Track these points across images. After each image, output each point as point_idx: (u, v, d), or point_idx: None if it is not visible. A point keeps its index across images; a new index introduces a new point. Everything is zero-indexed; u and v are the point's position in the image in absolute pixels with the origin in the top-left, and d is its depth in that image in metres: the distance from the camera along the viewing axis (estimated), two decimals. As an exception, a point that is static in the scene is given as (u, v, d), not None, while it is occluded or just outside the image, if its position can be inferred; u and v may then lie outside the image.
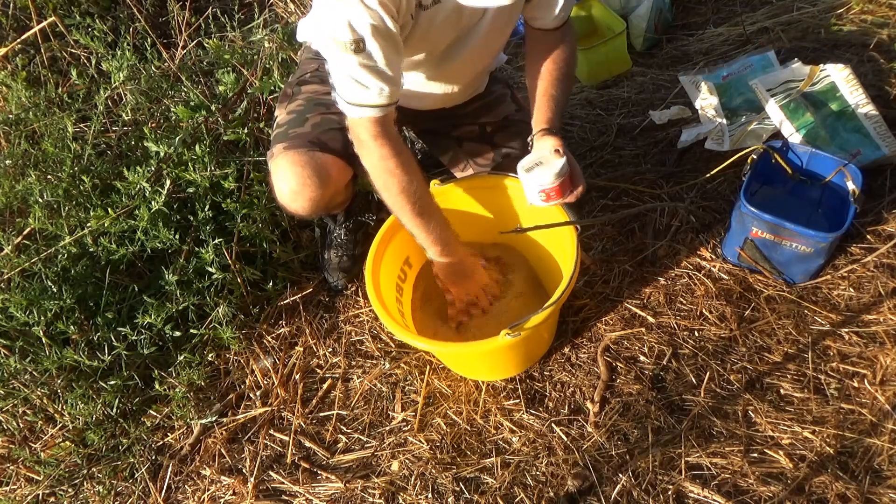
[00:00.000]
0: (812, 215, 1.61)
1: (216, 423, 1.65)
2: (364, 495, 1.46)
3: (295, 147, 1.45)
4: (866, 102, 1.71)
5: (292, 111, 1.54)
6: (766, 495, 1.28)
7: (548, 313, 1.28)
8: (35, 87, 2.07)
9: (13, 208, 1.82)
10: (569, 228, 1.39)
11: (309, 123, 1.50)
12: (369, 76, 1.22)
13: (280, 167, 1.44)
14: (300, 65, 1.66)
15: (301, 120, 1.51)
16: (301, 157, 1.43)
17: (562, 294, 1.28)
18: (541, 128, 1.42)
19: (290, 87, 1.61)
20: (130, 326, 1.63)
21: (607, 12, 2.34)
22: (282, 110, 1.57)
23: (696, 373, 1.48)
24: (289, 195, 1.45)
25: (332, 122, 1.50)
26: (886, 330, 1.46)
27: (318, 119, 1.50)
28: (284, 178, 1.44)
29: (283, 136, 1.49)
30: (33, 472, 1.63)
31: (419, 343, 1.36)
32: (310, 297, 1.84)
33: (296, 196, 1.45)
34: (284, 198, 1.47)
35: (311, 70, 1.61)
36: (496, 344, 1.27)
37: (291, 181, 1.43)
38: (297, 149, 1.44)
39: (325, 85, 1.56)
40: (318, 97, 1.55)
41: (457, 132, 1.69)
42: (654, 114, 2.07)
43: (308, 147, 1.45)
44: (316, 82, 1.58)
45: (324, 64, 1.58)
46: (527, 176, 1.36)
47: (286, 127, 1.51)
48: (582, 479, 1.37)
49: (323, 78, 1.58)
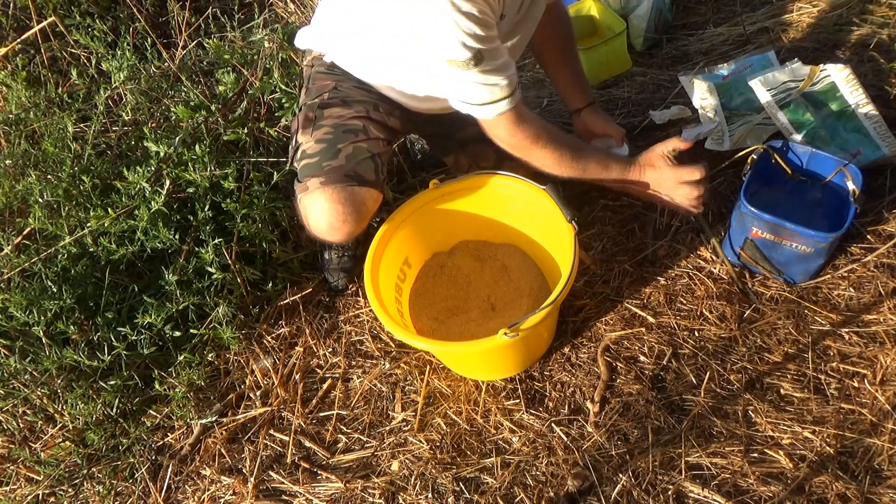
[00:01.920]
0: (812, 215, 1.61)
1: (216, 423, 1.65)
2: (364, 495, 1.46)
3: (332, 182, 1.44)
4: (866, 102, 1.71)
5: (321, 140, 1.50)
6: (766, 495, 1.28)
7: (545, 313, 1.28)
8: (35, 87, 2.07)
9: (13, 208, 1.82)
10: (567, 228, 1.39)
11: (342, 155, 1.47)
12: (493, 76, 1.27)
13: (317, 203, 1.43)
14: (312, 80, 1.60)
15: (333, 151, 1.48)
16: (340, 195, 1.43)
17: (559, 294, 1.29)
18: (583, 103, 1.71)
19: (312, 111, 1.55)
20: (130, 326, 1.63)
21: (607, 12, 2.34)
22: (307, 137, 1.52)
23: (696, 373, 1.48)
24: (326, 230, 1.46)
25: (362, 151, 1.49)
26: (886, 330, 1.46)
27: (351, 149, 1.48)
28: (322, 214, 1.43)
29: (317, 168, 1.46)
30: (33, 472, 1.63)
31: (418, 343, 1.36)
32: (310, 297, 1.84)
33: (333, 231, 1.45)
34: (321, 231, 1.47)
35: (329, 89, 1.56)
36: (494, 343, 1.27)
37: (331, 218, 1.43)
38: (335, 185, 1.43)
39: (348, 107, 1.53)
40: (344, 123, 1.51)
41: (460, 134, 1.69)
42: (654, 114, 2.06)
43: (345, 181, 1.44)
44: (337, 104, 1.54)
45: (341, 81, 1.56)
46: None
47: (319, 158, 1.47)
48: (582, 479, 1.37)
49: (344, 99, 1.54)
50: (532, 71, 2.47)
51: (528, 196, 1.52)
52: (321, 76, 1.58)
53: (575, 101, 1.74)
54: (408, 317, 1.58)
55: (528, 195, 1.51)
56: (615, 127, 1.72)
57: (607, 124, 1.72)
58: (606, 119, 1.73)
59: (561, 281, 1.30)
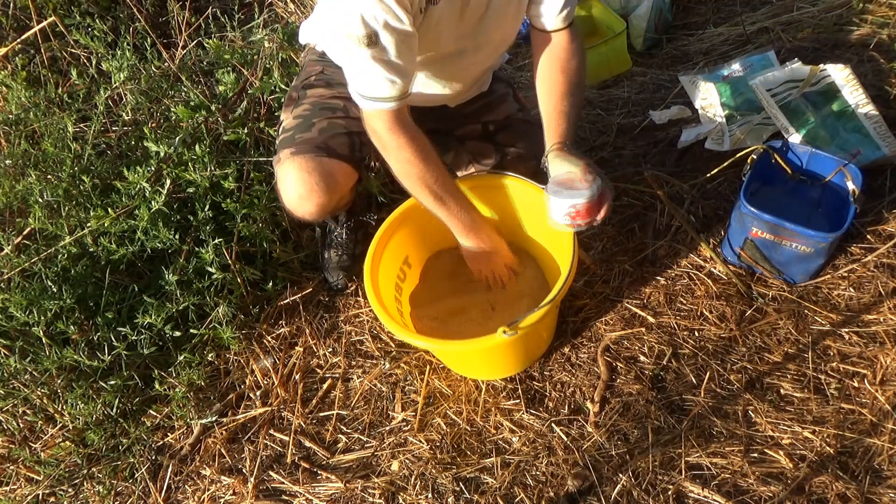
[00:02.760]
0: (812, 215, 1.61)
1: (216, 423, 1.65)
2: (364, 495, 1.46)
3: (302, 153, 1.45)
4: (866, 102, 1.71)
5: (298, 116, 1.54)
6: (766, 495, 1.28)
7: (544, 311, 1.28)
8: (35, 87, 2.07)
9: (13, 208, 1.82)
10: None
11: (315, 128, 1.50)
12: (382, 69, 1.23)
13: (287, 173, 1.45)
14: (304, 67, 1.66)
15: (307, 125, 1.51)
16: (308, 164, 1.44)
17: (558, 292, 1.28)
18: (555, 142, 1.38)
19: (296, 91, 1.60)
20: (130, 326, 1.63)
21: (607, 12, 2.34)
22: (287, 114, 1.57)
23: (696, 373, 1.48)
24: (296, 200, 1.46)
25: (338, 126, 1.51)
26: (886, 330, 1.46)
27: (325, 124, 1.51)
28: (292, 184, 1.44)
29: (290, 140, 1.49)
30: (33, 471, 1.63)
31: (418, 341, 1.36)
32: (310, 297, 1.84)
33: (303, 202, 1.46)
34: (291, 203, 1.47)
35: (316, 73, 1.60)
36: (494, 342, 1.27)
37: (299, 187, 1.44)
38: (305, 154, 1.45)
39: (331, 88, 1.56)
40: (323, 101, 1.55)
41: (459, 131, 1.70)
42: (654, 114, 2.07)
43: (315, 153, 1.45)
44: (321, 86, 1.58)
45: (328, 66, 1.59)
46: (557, 199, 1.29)
47: (293, 132, 1.50)
48: (582, 479, 1.37)
49: (328, 81, 1.58)
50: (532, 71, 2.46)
51: (528, 196, 1.52)
52: (312, 63, 1.63)
53: (553, 138, 1.41)
54: (408, 317, 1.58)
55: (529, 196, 1.51)
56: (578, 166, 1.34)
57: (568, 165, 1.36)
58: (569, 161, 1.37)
59: (560, 279, 1.30)
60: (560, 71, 1.43)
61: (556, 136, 1.39)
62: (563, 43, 1.44)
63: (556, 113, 1.41)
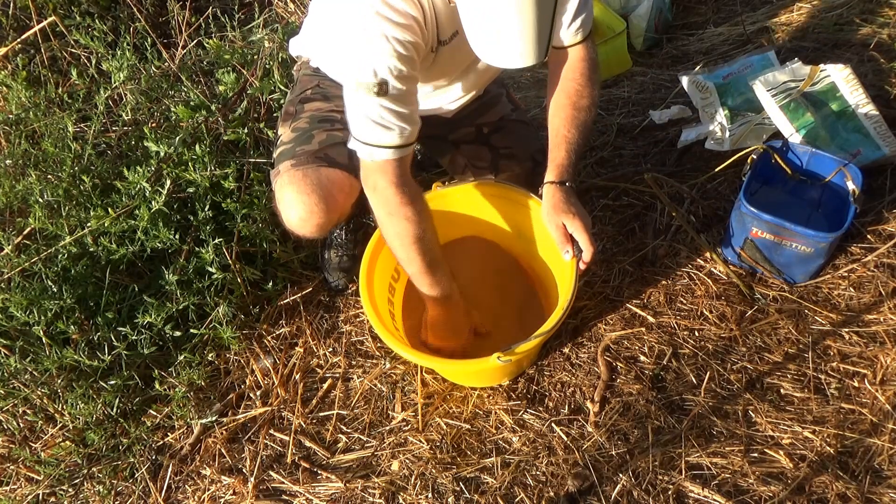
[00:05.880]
0: (812, 215, 1.61)
1: (216, 422, 1.65)
2: (364, 495, 1.46)
3: (303, 164, 1.43)
4: (866, 102, 1.71)
5: (297, 129, 1.51)
6: (766, 495, 1.28)
7: (537, 343, 1.30)
8: (35, 87, 2.07)
9: (13, 208, 1.82)
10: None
11: (315, 140, 1.48)
12: (391, 117, 1.21)
13: (286, 194, 1.42)
14: (298, 81, 1.64)
15: (307, 137, 1.49)
16: (308, 184, 1.40)
17: (554, 325, 1.29)
18: (552, 180, 1.34)
19: (293, 106, 1.58)
20: (130, 326, 1.63)
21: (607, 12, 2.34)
22: (285, 128, 1.54)
23: (697, 373, 1.48)
24: (296, 223, 1.44)
25: (337, 137, 1.49)
26: (887, 330, 1.46)
27: (324, 136, 1.49)
28: (292, 206, 1.42)
29: (290, 153, 1.47)
30: (33, 471, 1.63)
31: (412, 357, 1.36)
32: (310, 297, 1.84)
33: (303, 223, 1.44)
34: (292, 224, 1.45)
35: (312, 86, 1.58)
36: (486, 365, 1.29)
37: (299, 209, 1.41)
38: (305, 166, 1.43)
39: (328, 101, 1.55)
40: (322, 114, 1.53)
41: (454, 136, 1.69)
42: (654, 114, 2.07)
43: (315, 163, 1.43)
44: (318, 99, 1.56)
45: (324, 80, 1.58)
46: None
47: (293, 144, 1.48)
48: (582, 478, 1.37)
49: (325, 94, 1.56)
50: (532, 70, 2.47)
51: (527, 209, 1.51)
52: (306, 78, 1.62)
53: (551, 173, 1.38)
54: (399, 318, 1.58)
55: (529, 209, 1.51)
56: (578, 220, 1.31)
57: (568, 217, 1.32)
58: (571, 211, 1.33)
59: (556, 311, 1.31)
60: (567, 94, 1.38)
61: (554, 172, 1.35)
62: (576, 60, 1.39)
63: (559, 140, 1.37)
